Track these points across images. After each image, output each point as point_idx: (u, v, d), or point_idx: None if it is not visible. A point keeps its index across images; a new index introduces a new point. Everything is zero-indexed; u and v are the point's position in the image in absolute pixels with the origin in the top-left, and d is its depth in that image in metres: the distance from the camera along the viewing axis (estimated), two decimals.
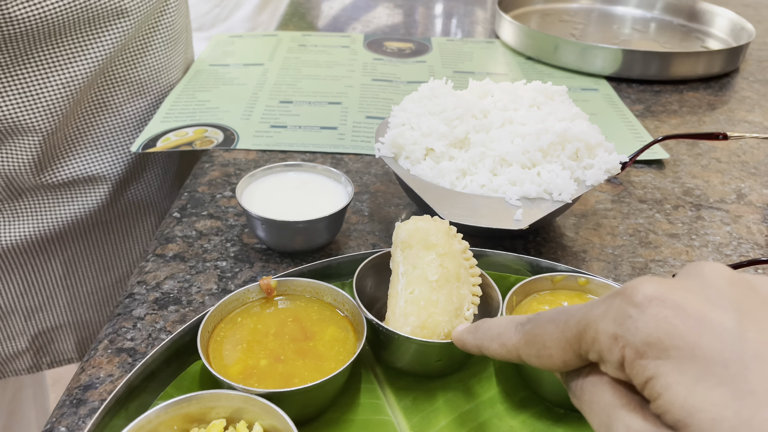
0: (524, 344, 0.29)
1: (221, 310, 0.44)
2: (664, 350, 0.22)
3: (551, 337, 0.27)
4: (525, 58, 1.06)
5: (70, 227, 0.74)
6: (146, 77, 0.76)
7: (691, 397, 0.21)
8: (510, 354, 0.30)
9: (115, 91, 0.73)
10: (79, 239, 0.76)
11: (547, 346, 0.28)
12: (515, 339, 0.30)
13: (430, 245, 0.45)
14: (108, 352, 0.47)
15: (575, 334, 0.26)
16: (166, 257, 0.57)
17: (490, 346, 0.32)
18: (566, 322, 0.27)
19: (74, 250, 0.77)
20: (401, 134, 0.60)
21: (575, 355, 0.26)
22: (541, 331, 0.28)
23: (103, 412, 0.37)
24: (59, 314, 0.78)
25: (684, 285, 0.24)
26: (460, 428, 0.42)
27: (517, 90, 0.65)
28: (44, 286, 0.75)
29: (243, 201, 0.56)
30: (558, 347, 0.27)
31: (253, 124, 0.80)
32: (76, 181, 0.73)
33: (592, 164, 0.57)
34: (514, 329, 0.30)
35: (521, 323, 0.30)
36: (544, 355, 0.28)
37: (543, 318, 0.28)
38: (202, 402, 0.38)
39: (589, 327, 0.25)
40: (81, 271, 0.78)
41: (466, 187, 0.57)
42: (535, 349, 0.28)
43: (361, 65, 1.01)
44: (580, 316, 0.26)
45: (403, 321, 0.43)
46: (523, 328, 0.29)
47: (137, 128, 0.77)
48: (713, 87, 1.00)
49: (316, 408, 0.42)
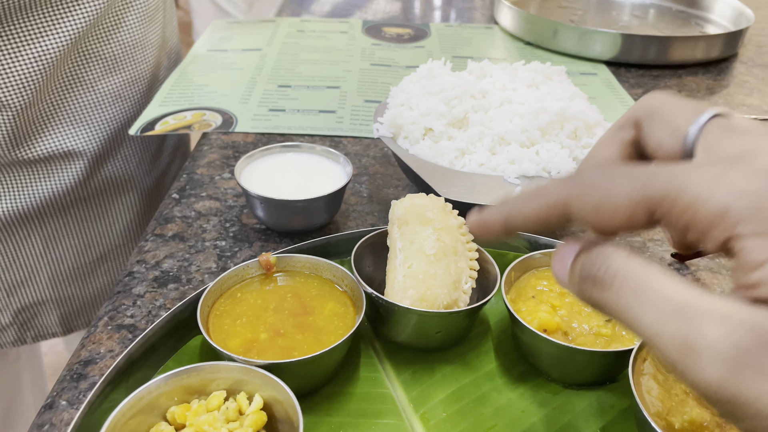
0: (581, 192, 0.24)
1: (221, 286, 0.44)
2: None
3: (624, 189, 0.23)
4: (524, 44, 1.06)
5: (48, 203, 0.74)
6: (120, 53, 0.76)
7: None
8: (552, 210, 0.25)
9: (88, 67, 0.73)
10: (57, 215, 0.76)
11: (614, 197, 0.23)
12: (565, 188, 0.24)
13: (427, 220, 0.45)
14: (108, 328, 0.47)
15: (660, 192, 0.22)
16: (165, 237, 0.57)
17: (524, 208, 0.26)
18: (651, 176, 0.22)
19: (53, 226, 0.76)
20: (400, 114, 0.60)
21: (647, 215, 0.23)
22: (608, 182, 0.23)
23: (104, 383, 0.37)
24: (41, 290, 0.78)
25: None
26: (459, 401, 0.42)
27: (515, 70, 0.65)
28: (25, 262, 0.75)
29: (242, 181, 0.56)
30: (629, 201, 0.23)
31: (252, 107, 0.80)
32: (52, 156, 0.73)
33: (590, 143, 0.57)
34: (560, 181, 0.25)
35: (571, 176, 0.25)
36: (607, 207, 0.23)
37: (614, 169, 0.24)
38: (202, 374, 0.38)
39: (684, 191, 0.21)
40: (61, 248, 0.78)
41: (465, 166, 0.57)
42: (597, 198, 0.23)
43: (359, 50, 1.00)
44: (674, 174, 0.22)
45: (402, 295, 0.43)
46: (576, 178, 0.25)
47: (112, 104, 0.77)
48: (712, 72, 1.00)
49: (315, 381, 0.42)
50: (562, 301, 0.45)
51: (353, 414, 0.41)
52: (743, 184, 0.21)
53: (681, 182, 0.22)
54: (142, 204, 0.84)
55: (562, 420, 0.41)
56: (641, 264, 0.22)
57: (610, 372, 0.43)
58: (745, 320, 0.19)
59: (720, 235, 0.21)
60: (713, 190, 0.21)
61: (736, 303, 0.20)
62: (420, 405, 0.42)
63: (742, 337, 0.19)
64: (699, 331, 0.20)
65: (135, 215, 0.84)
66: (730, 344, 0.19)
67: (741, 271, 0.21)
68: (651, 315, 0.21)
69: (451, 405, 0.42)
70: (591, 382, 0.43)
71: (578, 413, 0.41)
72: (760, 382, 0.19)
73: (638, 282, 0.22)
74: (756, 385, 0.19)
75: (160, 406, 0.37)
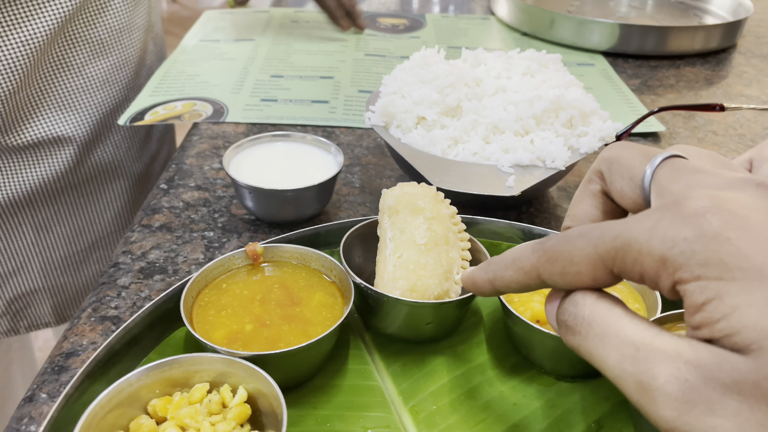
0: (546, 261, 0.26)
1: (205, 276, 0.43)
2: (727, 271, 0.20)
3: (581, 252, 0.24)
4: (520, 34, 1.05)
5: (38, 191, 0.73)
6: (107, 37, 0.75)
7: (765, 318, 0.19)
8: (528, 277, 0.27)
9: (75, 51, 0.72)
10: (48, 203, 0.76)
11: (575, 263, 0.24)
12: (533, 259, 0.26)
13: (418, 209, 0.44)
14: (91, 320, 0.46)
15: (610, 250, 0.23)
16: (152, 227, 0.56)
17: (505, 275, 0.28)
18: (600, 237, 0.23)
19: (44, 214, 0.76)
20: (392, 102, 0.59)
21: (607, 273, 0.24)
22: (567, 246, 0.25)
23: (83, 375, 0.36)
24: (33, 279, 0.78)
25: (739, 197, 0.21)
26: (450, 394, 0.41)
27: (510, 58, 0.63)
28: (17, 252, 0.75)
29: (230, 170, 0.55)
30: (588, 263, 0.24)
31: (243, 97, 0.79)
32: (42, 142, 0.72)
33: (586, 132, 0.56)
34: (531, 250, 0.27)
35: (539, 242, 0.27)
36: (570, 272, 0.25)
37: (570, 233, 0.25)
38: (185, 366, 0.37)
39: (629, 246, 0.22)
40: (53, 236, 0.77)
41: (458, 155, 0.56)
42: (560, 266, 0.25)
43: (354, 41, 0.99)
44: (618, 231, 0.23)
45: (392, 285, 0.42)
46: (542, 246, 0.26)
47: (100, 89, 0.77)
48: (711, 62, 0.99)
49: (302, 373, 0.41)
50: None
51: (341, 407, 0.40)
52: (675, 231, 0.21)
53: (626, 237, 0.23)
54: (133, 191, 0.84)
55: (555, 413, 0.40)
56: (606, 308, 0.24)
57: None
58: (691, 360, 0.20)
59: (666, 282, 0.22)
60: (651, 241, 0.22)
61: (685, 342, 0.21)
62: (409, 398, 0.41)
63: (688, 376, 0.20)
64: (651, 372, 0.21)
65: (125, 202, 0.83)
66: (678, 384, 0.20)
67: (687, 314, 0.21)
68: (612, 358, 0.22)
69: (441, 398, 0.41)
70: (585, 374, 0.42)
71: (571, 406, 0.40)
72: (709, 419, 0.19)
73: (602, 327, 0.23)
74: (705, 421, 0.19)
75: (141, 399, 0.36)
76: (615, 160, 0.28)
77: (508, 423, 0.39)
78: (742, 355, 0.19)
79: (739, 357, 0.19)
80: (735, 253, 0.20)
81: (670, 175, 0.25)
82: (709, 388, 0.20)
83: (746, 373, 0.19)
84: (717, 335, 0.20)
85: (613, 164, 0.28)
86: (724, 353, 0.20)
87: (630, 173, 0.27)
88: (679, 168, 0.25)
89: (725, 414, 0.19)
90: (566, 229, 0.28)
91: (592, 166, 0.30)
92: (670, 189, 0.25)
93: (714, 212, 0.21)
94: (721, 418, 0.19)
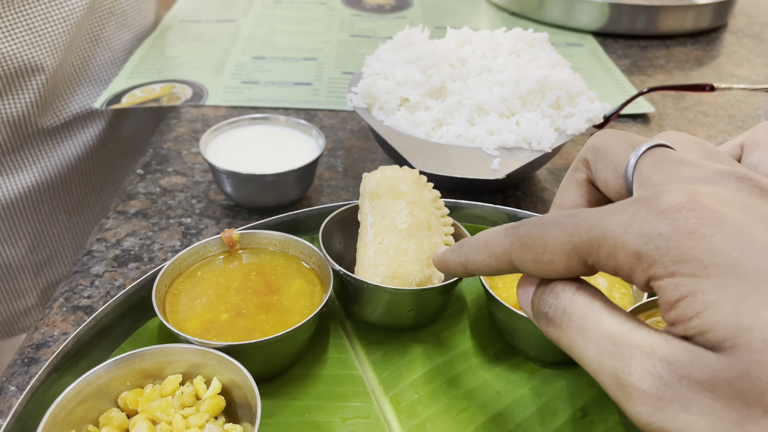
0: (519, 248, 0.25)
1: (179, 264, 0.42)
2: (701, 267, 0.19)
3: (555, 241, 0.24)
4: (509, 14, 1.03)
5: (71, 170, 0.75)
6: (129, 8, 0.78)
7: (738, 315, 0.19)
8: (500, 262, 0.26)
9: (104, 24, 0.75)
10: (80, 183, 0.77)
11: (548, 251, 0.24)
12: (506, 243, 0.26)
13: (399, 194, 0.43)
14: (63, 310, 0.45)
15: (585, 242, 0.23)
16: (128, 214, 0.54)
17: (477, 258, 0.28)
18: (575, 227, 0.23)
19: (77, 195, 0.77)
20: (374, 84, 0.57)
21: (581, 263, 0.23)
22: (541, 233, 0.24)
23: (49, 368, 0.35)
24: (66, 266, 0.79)
25: (717, 192, 0.21)
26: (432, 382, 0.40)
27: (496, 38, 0.62)
28: (51, 239, 0.76)
29: (207, 155, 0.53)
30: (562, 252, 0.23)
31: (224, 80, 0.77)
32: (75, 120, 0.74)
33: (573, 113, 0.55)
34: (504, 234, 0.26)
35: (512, 227, 0.26)
36: (543, 260, 0.24)
37: (545, 220, 0.24)
38: (156, 357, 0.36)
39: (604, 239, 0.22)
40: (84, 219, 0.79)
41: (442, 137, 0.54)
42: (533, 254, 0.25)
43: (338, 21, 0.97)
44: (593, 222, 0.23)
45: (373, 272, 0.41)
46: (516, 231, 0.26)
47: (125, 60, 0.79)
48: (701, 42, 0.97)
49: (279, 363, 0.40)
50: None
51: (319, 397, 0.39)
52: (651, 226, 0.21)
53: (601, 229, 0.22)
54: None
55: (539, 400, 0.39)
56: (585, 300, 0.24)
57: None
58: (665, 356, 0.20)
59: (641, 277, 0.21)
60: (626, 235, 0.21)
61: (661, 338, 0.21)
62: (391, 387, 0.40)
63: (663, 373, 0.20)
64: (627, 368, 0.21)
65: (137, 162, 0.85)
66: (653, 381, 0.20)
67: (662, 311, 0.21)
68: (591, 352, 0.22)
69: (423, 386, 0.40)
70: (569, 360, 0.41)
71: (556, 393, 0.39)
72: (683, 416, 0.19)
73: (581, 319, 0.23)
74: (679, 418, 0.19)
75: (112, 392, 0.35)
76: (600, 149, 0.28)
77: (491, 411, 0.38)
78: (715, 353, 0.19)
79: (712, 354, 0.19)
80: (710, 250, 0.20)
81: (653, 165, 0.25)
82: (683, 385, 0.19)
83: (719, 371, 0.19)
84: (690, 332, 0.20)
85: (599, 153, 0.28)
86: (698, 350, 0.20)
87: (614, 162, 0.27)
88: (663, 159, 0.25)
89: (699, 411, 0.19)
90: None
91: (578, 155, 0.29)
92: (651, 180, 0.24)
93: (690, 208, 0.20)
94: (694, 416, 0.19)
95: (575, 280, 0.25)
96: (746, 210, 0.20)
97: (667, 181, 0.23)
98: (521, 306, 0.27)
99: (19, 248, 0.73)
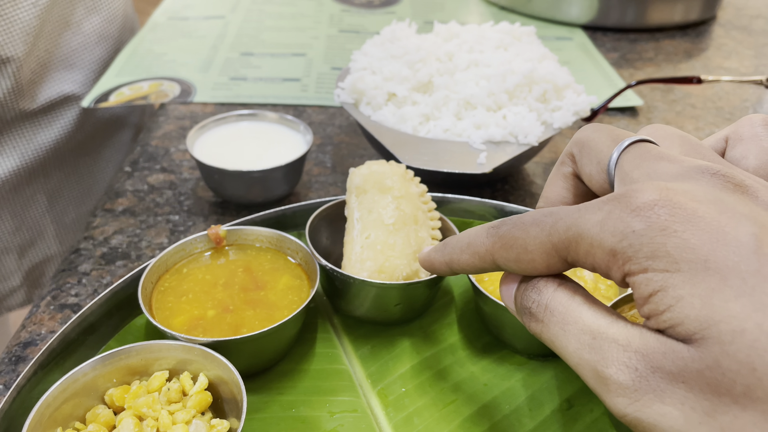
0: (501, 248, 0.26)
1: (166, 261, 0.42)
2: (673, 263, 0.20)
3: (535, 240, 0.24)
4: (498, 8, 1.03)
5: (50, 154, 0.75)
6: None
7: (707, 309, 0.19)
8: (483, 261, 0.27)
9: (73, 8, 0.74)
10: (59, 166, 0.77)
11: (529, 250, 0.24)
12: (488, 244, 0.26)
13: (386, 188, 0.43)
14: (50, 308, 0.45)
15: (563, 240, 0.23)
16: (116, 212, 0.54)
17: (461, 258, 0.28)
18: (553, 226, 0.24)
19: (56, 179, 0.77)
20: (361, 79, 0.57)
21: (560, 261, 0.24)
22: (522, 233, 0.25)
23: (35, 365, 0.35)
24: (49, 246, 0.79)
25: (690, 189, 0.21)
26: (419, 376, 0.40)
27: (483, 32, 0.62)
28: (33, 222, 0.76)
29: (195, 152, 0.53)
30: (542, 251, 0.24)
31: (212, 76, 0.77)
32: (52, 104, 0.74)
33: (560, 106, 0.55)
34: (485, 234, 0.27)
35: (494, 227, 0.27)
36: (524, 259, 0.25)
37: (525, 219, 0.25)
38: (143, 354, 0.36)
39: (581, 237, 0.22)
40: (64, 200, 0.79)
41: (430, 132, 0.54)
42: (515, 253, 0.25)
43: (327, 17, 0.96)
44: (570, 221, 0.23)
45: (360, 266, 0.41)
46: (497, 231, 0.26)
47: (97, 44, 0.79)
48: (690, 35, 0.98)
49: (267, 358, 0.40)
50: None
51: (307, 392, 0.39)
52: (625, 223, 0.21)
53: (578, 228, 0.23)
54: (131, 144, 0.86)
55: (526, 392, 0.39)
56: (566, 295, 0.24)
57: None
58: (640, 349, 0.20)
59: (617, 274, 0.22)
60: (602, 233, 0.22)
61: (636, 331, 0.21)
62: (378, 380, 0.40)
63: (638, 365, 0.20)
64: (605, 360, 0.21)
65: (125, 155, 0.85)
66: (628, 373, 0.20)
67: (637, 305, 0.22)
68: (572, 346, 0.23)
69: (410, 380, 0.40)
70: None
71: (542, 385, 0.40)
72: (658, 406, 0.20)
73: (562, 314, 0.24)
74: (654, 409, 0.20)
75: (98, 389, 0.35)
76: (585, 143, 0.28)
77: (478, 404, 0.38)
78: (686, 345, 0.20)
79: (684, 346, 0.20)
80: (681, 246, 0.20)
81: (633, 162, 0.25)
82: (657, 376, 0.20)
83: (690, 363, 0.19)
84: (663, 326, 0.20)
85: (584, 147, 0.28)
86: (671, 343, 0.20)
87: (598, 157, 0.27)
88: (643, 154, 0.25)
89: (672, 402, 0.19)
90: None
91: (565, 149, 0.30)
92: (630, 176, 0.25)
93: (662, 205, 0.21)
94: (668, 407, 0.20)
95: (557, 276, 0.25)
96: (718, 206, 0.21)
97: (645, 177, 0.24)
98: (504, 302, 0.28)
99: (3, 230, 0.73)
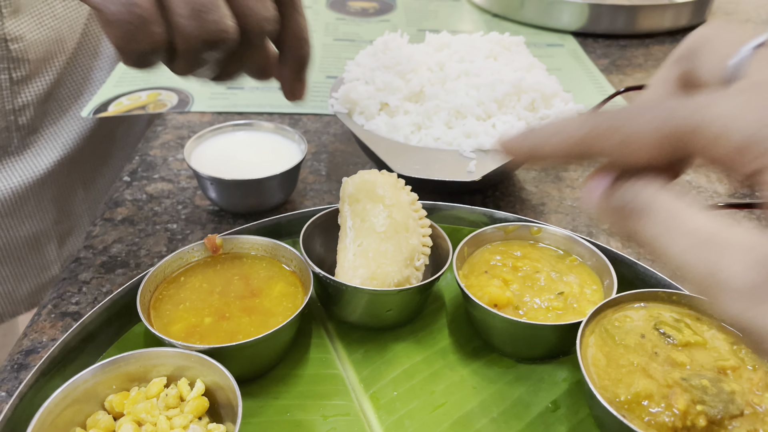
0: (603, 131, 0.23)
1: (163, 270, 0.43)
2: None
3: (648, 125, 0.22)
4: (491, 16, 1.04)
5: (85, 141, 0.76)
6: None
7: None
8: (578, 145, 0.24)
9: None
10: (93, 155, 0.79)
11: (639, 135, 0.22)
12: (587, 127, 0.24)
13: (377, 197, 0.44)
14: (51, 316, 0.46)
15: (682, 127, 0.21)
16: (115, 221, 0.55)
17: (549, 142, 0.25)
18: (674, 111, 0.22)
19: (90, 165, 0.78)
20: (354, 89, 0.58)
21: (674, 149, 0.22)
22: (631, 118, 0.23)
23: (37, 373, 0.36)
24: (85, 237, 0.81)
25: None
26: (411, 379, 0.41)
27: (474, 42, 0.63)
28: (72, 210, 0.77)
29: (192, 162, 0.54)
30: (651, 139, 0.22)
31: (209, 86, 0.78)
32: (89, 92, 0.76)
33: (548, 115, 0.56)
34: (582, 120, 0.24)
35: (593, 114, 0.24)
36: (633, 143, 0.23)
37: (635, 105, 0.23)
38: (141, 360, 0.37)
39: (706, 126, 0.20)
40: (97, 189, 0.80)
41: (421, 140, 0.56)
42: (619, 139, 0.23)
43: (323, 25, 0.98)
44: (695, 107, 0.21)
45: (353, 273, 0.42)
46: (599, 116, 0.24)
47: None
48: (680, 40, 0.98)
49: (262, 364, 0.41)
50: (514, 275, 0.44)
51: (301, 396, 0.40)
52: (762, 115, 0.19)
53: (705, 113, 0.21)
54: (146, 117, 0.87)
55: (513, 395, 0.40)
56: (671, 196, 0.22)
57: (563, 345, 0.42)
58: (765, 254, 0.19)
59: (745, 167, 0.20)
60: (737, 120, 0.20)
61: (762, 236, 0.19)
62: (371, 384, 0.41)
63: (761, 271, 0.19)
64: (722, 263, 0.20)
65: (141, 129, 0.85)
66: (748, 278, 0.19)
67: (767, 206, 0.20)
68: (679, 245, 0.21)
69: (402, 383, 0.41)
70: (544, 356, 0.43)
71: (528, 388, 0.41)
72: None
73: (668, 213, 0.22)
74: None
75: (98, 395, 0.36)
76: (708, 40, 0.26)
77: (467, 406, 0.40)
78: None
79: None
80: None
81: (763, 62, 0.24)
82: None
83: None
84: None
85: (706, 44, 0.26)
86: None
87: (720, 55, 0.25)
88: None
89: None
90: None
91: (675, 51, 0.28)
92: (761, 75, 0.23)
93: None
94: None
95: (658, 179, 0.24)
96: None
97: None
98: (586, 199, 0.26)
99: (46, 221, 0.74)
